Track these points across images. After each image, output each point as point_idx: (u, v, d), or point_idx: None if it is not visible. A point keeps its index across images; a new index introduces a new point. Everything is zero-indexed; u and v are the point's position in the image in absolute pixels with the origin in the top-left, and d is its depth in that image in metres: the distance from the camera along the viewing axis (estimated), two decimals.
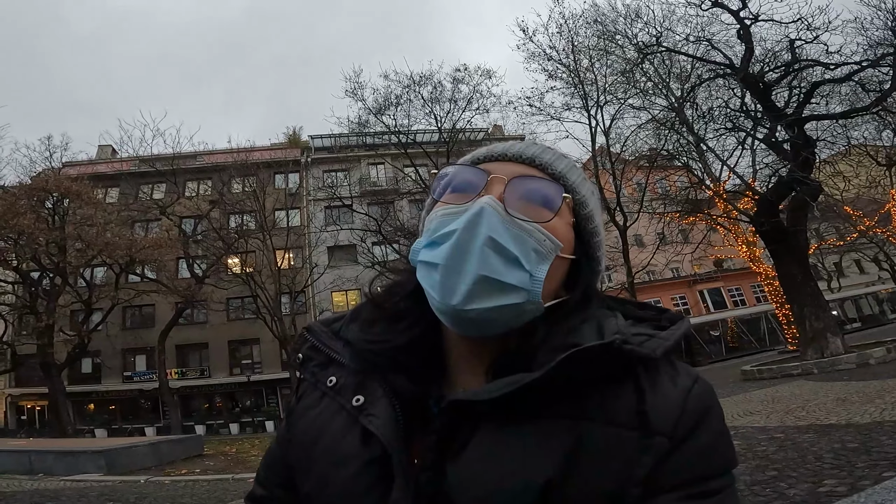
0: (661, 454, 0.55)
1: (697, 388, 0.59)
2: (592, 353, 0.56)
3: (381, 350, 0.66)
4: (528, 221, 0.61)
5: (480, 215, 0.59)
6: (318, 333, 0.72)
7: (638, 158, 19.01)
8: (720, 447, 0.58)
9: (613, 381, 0.58)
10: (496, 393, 0.56)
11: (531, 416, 0.57)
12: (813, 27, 11.96)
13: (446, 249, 0.59)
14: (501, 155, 0.69)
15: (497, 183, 0.63)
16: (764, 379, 11.82)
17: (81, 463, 8.81)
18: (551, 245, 0.62)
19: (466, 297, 0.58)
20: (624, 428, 0.56)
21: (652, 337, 0.61)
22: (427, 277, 0.62)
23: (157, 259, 20.96)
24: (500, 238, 0.59)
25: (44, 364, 19.68)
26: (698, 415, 0.57)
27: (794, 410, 6.71)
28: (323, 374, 0.69)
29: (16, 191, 19.49)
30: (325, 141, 34.18)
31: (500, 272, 0.58)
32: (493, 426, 0.57)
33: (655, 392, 0.57)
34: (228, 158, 27.14)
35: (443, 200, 0.66)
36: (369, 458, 0.60)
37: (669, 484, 0.55)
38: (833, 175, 14.47)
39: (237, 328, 29.70)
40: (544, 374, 0.55)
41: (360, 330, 0.70)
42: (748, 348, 30.68)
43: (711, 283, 34.04)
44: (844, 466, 3.71)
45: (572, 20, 18.70)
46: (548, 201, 0.64)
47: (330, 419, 0.65)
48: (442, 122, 21.12)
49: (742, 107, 13.62)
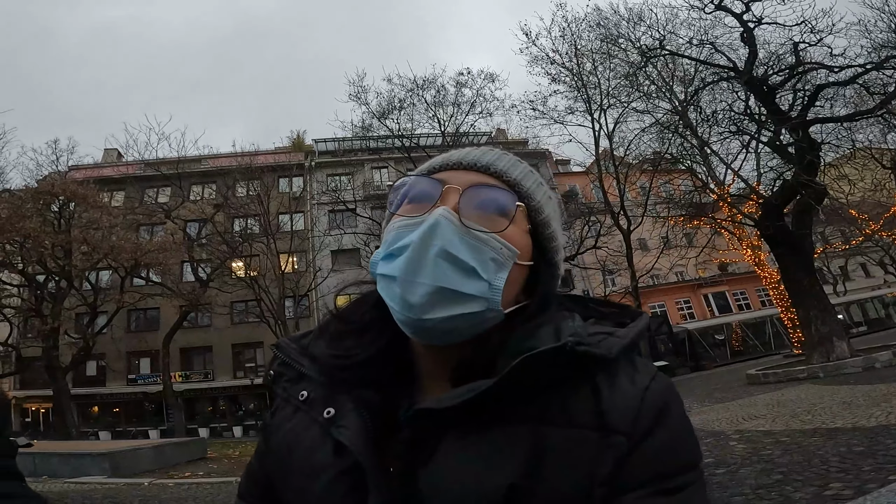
0: (621, 453, 0.55)
1: (655, 384, 0.59)
2: (546, 356, 0.56)
3: (347, 365, 0.67)
4: (485, 232, 0.62)
5: (435, 227, 0.60)
6: (286, 350, 0.73)
7: (641, 162, 19.00)
8: (682, 443, 0.58)
9: (572, 383, 0.58)
10: (457, 400, 0.57)
11: (494, 422, 0.57)
12: (817, 30, 11.97)
13: (402, 262, 0.60)
14: (457, 163, 0.69)
15: (452, 193, 0.64)
16: (769, 383, 11.74)
17: (86, 465, 8.83)
18: (508, 253, 0.62)
19: (425, 307, 0.59)
20: (584, 429, 0.56)
21: (609, 335, 0.61)
22: (386, 289, 0.63)
23: (161, 262, 21.02)
24: (454, 249, 0.59)
25: (49, 367, 19.74)
26: (656, 412, 0.57)
27: (799, 414, 6.66)
28: (294, 389, 0.70)
29: (22, 194, 19.61)
30: (329, 145, 34.27)
31: (457, 283, 0.59)
32: (458, 433, 0.58)
33: (613, 391, 0.58)
34: (233, 162, 27.23)
35: (399, 213, 0.66)
36: (342, 469, 0.60)
37: (634, 482, 0.55)
38: (838, 178, 14.41)
39: (241, 331, 29.72)
40: (500, 380, 0.56)
41: (328, 345, 0.70)
42: (753, 352, 30.52)
43: (716, 287, 33.89)
44: (850, 470, 3.69)
45: (575, 24, 18.78)
46: (502, 210, 0.64)
47: (303, 432, 0.66)
48: (445, 126, 21.16)
49: (746, 110, 13.59)
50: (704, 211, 17.87)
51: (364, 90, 20.84)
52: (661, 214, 19.22)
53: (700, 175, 17.23)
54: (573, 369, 0.58)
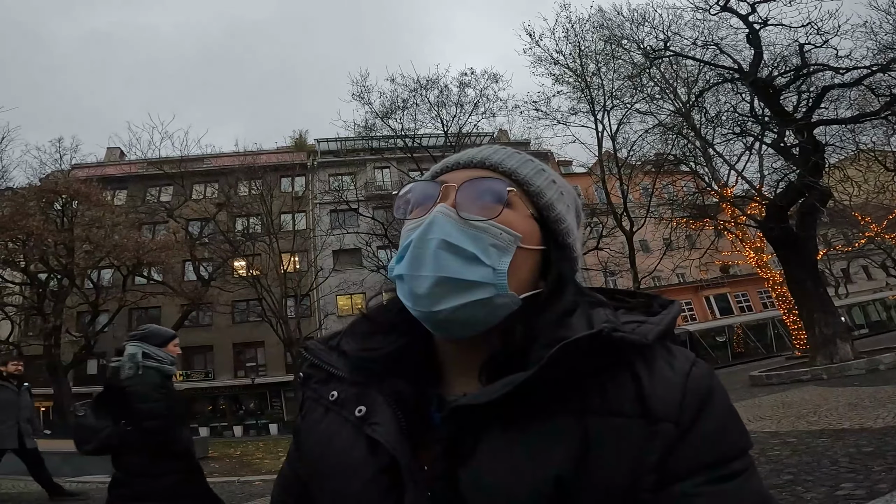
0: (669, 440, 0.55)
1: (696, 370, 0.59)
2: (583, 344, 0.56)
3: (375, 357, 0.68)
4: (482, 220, 0.63)
5: (432, 223, 0.63)
6: (315, 351, 0.74)
7: (644, 163, 18.98)
8: (731, 429, 0.58)
9: (610, 371, 0.58)
10: (496, 394, 0.56)
11: (534, 415, 0.57)
12: (822, 31, 11.96)
13: (406, 260, 0.63)
14: (455, 164, 0.72)
15: (449, 191, 0.66)
16: (773, 384, 11.72)
17: (87, 465, 8.76)
18: (509, 237, 0.63)
19: (432, 299, 0.60)
20: (628, 417, 0.56)
21: (643, 323, 0.61)
22: (400, 289, 0.65)
23: (163, 261, 20.97)
24: (452, 239, 0.61)
25: (50, 365, 19.73)
26: (701, 397, 0.57)
27: (805, 415, 6.64)
28: (325, 390, 0.70)
29: (25, 192, 19.61)
30: (332, 145, 34.28)
31: (459, 270, 0.60)
32: (497, 428, 0.57)
33: (653, 377, 0.57)
34: (235, 161, 27.26)
35: (409, 218, 0.69)
36: (378, 467, 0.60)
37: (685, 470, 0.54)
38: (842, 180, 14.39)
39: (242, 331, 29.74)
40: (538, 371, 0.55)
41: (356, 342, 0.72)
42: (755, 354, 30.54)
43: (718, 289, 33.88)
44: (861, 470, 3.68)
45: (579, 24, 18.74)
46: (496, 197, 0.65)
47: (335, 433, 0.66)
48: (448, 127, 21.14)
49: (751, 111, 13.58)
50: (707, 213, 17.84)
51: (367, 90, 20.86)
52: (664, 216, 19.19)
53: (703, 177, 17.23)
54: (610, 357, 0.57)
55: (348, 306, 29.67)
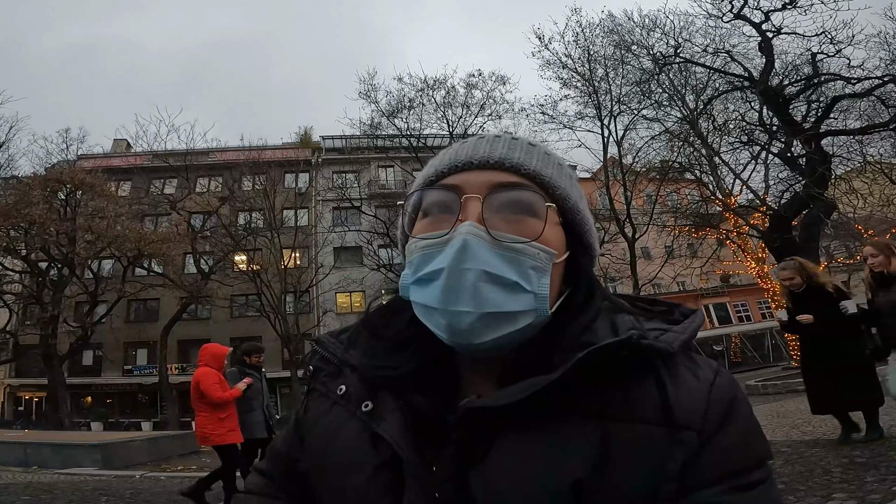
0: (692, 449, 0.54)
1: (720, 379, 0.58)
2: (609, 350, 0.55)
3: (392, 376, 0.64)
4: (519, 241, 0.58)
5: (465, 249, 0.56)
6: (327, 345, 0.73)
7: (649, 170, 18.92)
8: (752, 439, 0.58)
9: (634, 378, 0.57)
10: (518, 396, 0.55)
11: (553, 419, 0.56)
12: (836, 41, 11.92)
13: (438, 291, 0.57)
14: (467, 163, 0.63)
15: (472, 203, 0.60)
16: (769, 394, 11.65)
17: (77, 457, 8.73)
18: (547, 257, 0.59)
19: (474, 333, 0.57)
20: (650, 424, 0.55)
21: (667, 331, 0.61)
22: (429, 320, 0.60)
23: (164, 253, 21.04)
24: (491, 269, 0.56)
25: (45, 355, 19.78)
26: (725, 407, 0.57)
27: (799, 425, 6.59)
28: (333, 384, 0.69)
29: (30, 181, 19.68)
30: (336, 142, 34.31)
31: (501, 303, 0.56)
32: (513, 431, 0.56)
33: (678, 386, 0.57)
34: (240, 156, 27.30)
35: (419, 231, 0.63)
36: (379, 463, 0.59)
37: (706, 479, 0.54)
38: (848, 192, 14.34)
39: (240, 325, 29.69)
40: (563, 375, 0.54)
41: (364, 357, 0.68)
42: (751, 363, 30.48)
43: (717, 298, 33.85)
44: (853, 481, 3.64)
45: (589, 29, 18.69)
46: (531, 211, 0.61)
47: (341, 427, 0.65)
48: (454, 127, 21.15)
49: (759, 120, 13.54)
50: (710, 222, 17.79)
51: (374, 88, 20.89)
52: (667, 224, 19.14)
53: (708, 185, 17.17)
54: (635, 364, 0.57)
55: (347, 304, 29.67)
